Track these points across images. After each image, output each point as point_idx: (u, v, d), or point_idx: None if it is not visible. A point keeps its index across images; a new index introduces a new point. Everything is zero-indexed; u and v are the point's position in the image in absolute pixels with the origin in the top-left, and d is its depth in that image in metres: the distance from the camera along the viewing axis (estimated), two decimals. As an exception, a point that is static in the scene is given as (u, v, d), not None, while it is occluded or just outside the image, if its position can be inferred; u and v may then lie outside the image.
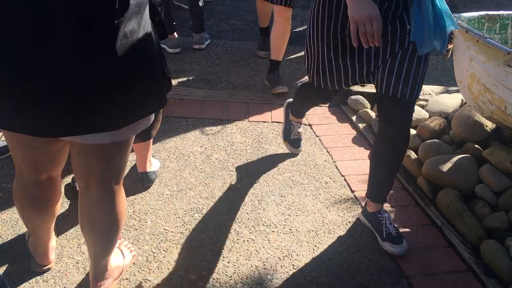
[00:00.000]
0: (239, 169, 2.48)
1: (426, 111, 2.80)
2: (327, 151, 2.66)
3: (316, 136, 2.79)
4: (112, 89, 1.27)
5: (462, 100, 2.81)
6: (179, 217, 2.12)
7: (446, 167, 2.24)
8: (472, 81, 2.21)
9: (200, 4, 3.81)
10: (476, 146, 2.38)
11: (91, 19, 1.19)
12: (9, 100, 1.24)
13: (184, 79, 3.44)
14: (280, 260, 1.93)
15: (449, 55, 2.31)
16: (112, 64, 1.24)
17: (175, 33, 3.84)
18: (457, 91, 2.86)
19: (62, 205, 1.70)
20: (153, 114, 1.46)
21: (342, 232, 2.09)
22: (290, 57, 3.84)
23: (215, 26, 4.51)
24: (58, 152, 1.49)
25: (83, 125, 1.29)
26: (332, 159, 2.60)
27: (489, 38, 2.05)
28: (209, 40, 4.05)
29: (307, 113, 2.55)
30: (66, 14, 1.15)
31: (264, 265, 1.90)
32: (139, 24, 1.29)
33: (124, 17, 1.23)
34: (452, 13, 1.73)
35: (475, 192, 2.19)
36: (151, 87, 1.35)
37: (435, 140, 2.48)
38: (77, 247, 1.92)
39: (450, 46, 2.27)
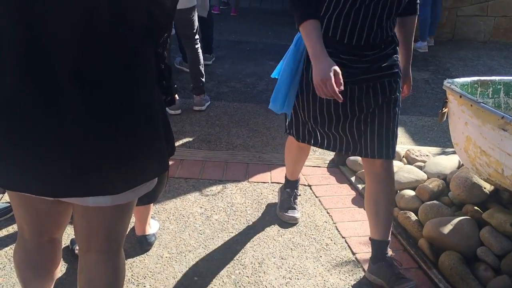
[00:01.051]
0: (239, 230, 2.46)
1: (424, 172, 2.82)
2: (327, 212, 2.66)
3: (316, 196, 2.80)
4: (115, 154, 1.29)
5: (459, 161, 2.84)
6: (178, 281, 2.08)
7: (447, 229, 2.24)
8: (468, 143, 2.25)
9: (201, 67, 3.94)
10: (476, 208, 2.39)
11: (97, 82, 1.23)
12: (14, 160, 1.27)
13: (185, 140, 3.49)
14: (281, 326, 1.88)
15: (444, 118, 2.36)
16: (116, 128, 1.27)
17: (176, 95, 3.93)
18: (454, 152, 2.89)
19: (60, 268, 1.67)
20: (156, 178, 1.47)
21: (344, 296, 2.05)
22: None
23: (215, 88, 4.62)
24: (60, 214, 1.49)
25: (84, 187, 1.30)
26: (332, 220, 2.59)
27: (482, 103, 2.10)
28: (209, 102, 4.14)
29: (306, 173, 2.49)
30: (72, 76, 1.19)
31: (265, 331, 1.85)
32: (145, 89, 1.33)
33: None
34: (446, 77, 1.78)
35: (476, 254, 2.17)
36: (154, 152, 1.37)
37: (435, 201, 2.48)
38: (74, 312, 1.88)
39: (445, 110, 2.33)
